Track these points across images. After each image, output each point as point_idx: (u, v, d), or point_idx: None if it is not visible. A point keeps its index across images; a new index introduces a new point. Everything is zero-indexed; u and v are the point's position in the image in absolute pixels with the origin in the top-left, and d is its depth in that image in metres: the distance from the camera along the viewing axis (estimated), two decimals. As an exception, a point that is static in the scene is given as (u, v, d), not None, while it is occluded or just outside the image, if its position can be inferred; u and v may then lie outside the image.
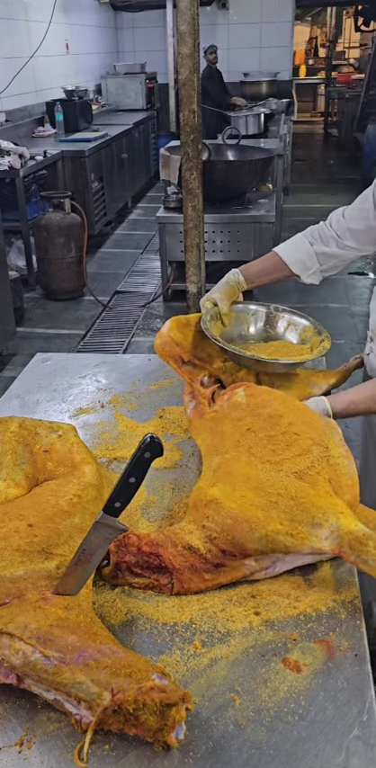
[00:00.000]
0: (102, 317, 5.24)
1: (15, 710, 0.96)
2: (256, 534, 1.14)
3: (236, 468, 1.24)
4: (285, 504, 1.15)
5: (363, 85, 11.05)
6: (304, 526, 1.14)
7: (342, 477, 1.23)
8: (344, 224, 1.72)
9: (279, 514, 1.15)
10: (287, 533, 1.13)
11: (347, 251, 1.74)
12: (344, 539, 1.11)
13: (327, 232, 1.75)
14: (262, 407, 1.37)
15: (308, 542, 1.14)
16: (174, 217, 4.94)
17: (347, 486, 1.23)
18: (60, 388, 1.92)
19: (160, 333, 1.74)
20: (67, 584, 1.04)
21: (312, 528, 1.14)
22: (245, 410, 1.39)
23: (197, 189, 3.71)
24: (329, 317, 5.02)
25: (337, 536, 1.12)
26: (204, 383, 1.65)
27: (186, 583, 1.15)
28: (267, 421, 1.33)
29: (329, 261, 1.77)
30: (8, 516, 1.16)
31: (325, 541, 1.13)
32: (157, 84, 10.16)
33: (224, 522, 1.15)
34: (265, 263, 1.85)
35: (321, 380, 1.72)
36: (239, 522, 1.14)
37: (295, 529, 1.14)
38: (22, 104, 6.94)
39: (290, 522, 1.14)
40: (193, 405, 1.60)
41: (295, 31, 10.99)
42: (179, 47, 3.44)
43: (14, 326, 4.55)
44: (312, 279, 1.79)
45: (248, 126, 7.06)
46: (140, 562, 1.16)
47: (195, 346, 1.73)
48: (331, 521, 1.13)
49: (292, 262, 1.78)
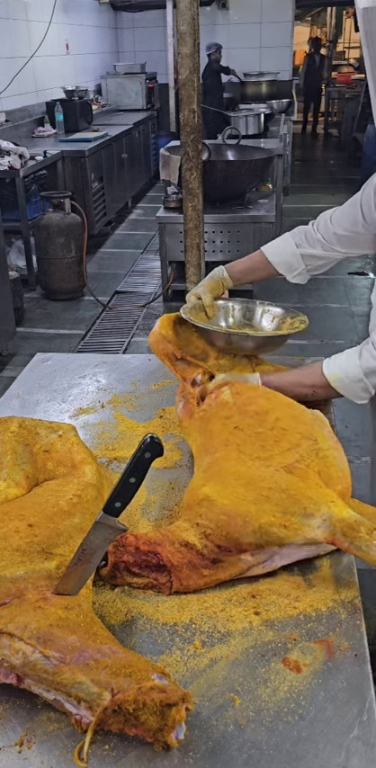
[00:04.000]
0: (102, 317, 5.24)
1: (15, 710, 0.96)
2: (250, 528, 1.14)
3: (226, 467, 1.25)
4: (277, 498, 1.17)
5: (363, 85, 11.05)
6: (296, 517, 1.15)
7: (332, 468, 1.25)
8: (332, 228, 1.70)
9: (271, 507, 1.16)
10: (280, 525, 1.14)
11: (333, 254, 1.74)
12: (337, 526, 1.13)
13: (314, 235, 1.74)
14: (248, 405, 1.39)
15: (301, 533, 1.15)
16: (174, 217, 4.94)
17: (338, 477, 1.24)
18: (60, 388, 1.92)
19: (153, 331, 1.75)
20: (67, 584, 1.04)
21: (304, 518, 1.15)
22: (232, 408, 1.40)
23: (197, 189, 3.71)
24: (329, 317, 5.02)
25: (330, 524, 1.13)
26: (197, 381, 1.65)
27: (185, 580, 1.15)
28: (254, 418, 1.35)
29: (315, 262, 1.78)
30: (8, 516, 1.16)
31: (317, 530, 1.14)
32: (157, 84, 10.15)
33: (218, 519, 1.16)
34: (251, 261, 1.86)
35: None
36: (232, 518, 1.15)
37: (288, 520, 1.15)
38: (22, 104, 6.94)
39: (282, 513, 1.15)
40: (183, 404, 1.61)
41: (295, 31, 10.98)
42: (179, 47, 3.44)
43: (14, 326, 4.55)
44: (298, 279, 1.80)
45: (248, 126, 7.05)
46: (138, 561, 1.16)
47: (187, 343, 1.74)
48: (322, 510, 1.15)
49: (278, 263, 1.79)
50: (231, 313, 1.88)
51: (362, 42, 1.50)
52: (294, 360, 2.03)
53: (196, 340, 1.75)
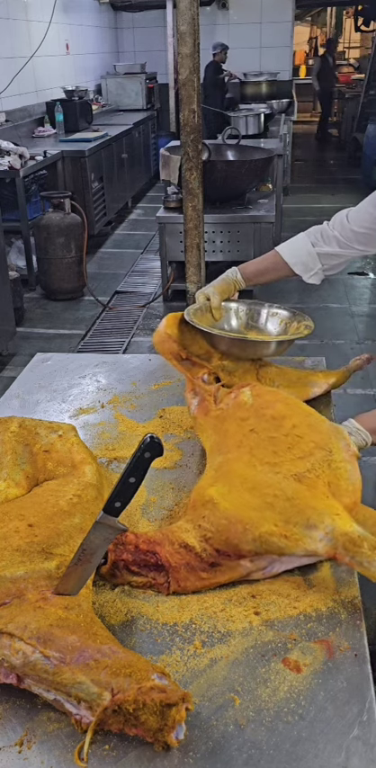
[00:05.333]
0: (102, 317, 5.24)
1: (15, 710, 0.96)
2: (250, 535, 1.13)
3: (235, 469, 1.24)
4: (281, 506, 1.15)
5: (363, 85, 11.06)
6: (299, 528, 1.14)
7: (342, 480, 1.23)
8: (349, 226, 1.71)
9: (273, 516, 1.15)
10: (281, 535, 1.13)
11: (350, 251, 1.73)
12: (339, 540, 1.10)
13: (330, 233, 1.74)
14: (266, 408, 1.37)
15: (302, 544, 1.13)
16: (174, 217, 4.94)
17: (347, 490, 1.22)
18: (60, 388, 1.92)
19: (157, 330, 1.74)
20: (67, 584, 1.04)
21: (307, 529, 1.13)
22: (249, 410, 1.38)
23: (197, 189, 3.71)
24: (329, 316, 5.02)
25: (332, 537, 1.11)
26: (204, 381, 1.66)
27: (182, 581, 1.15)
28: (270, 422, 1.33)
29: (331, 260, 1.76)
30: (8, 516, 1.16)
31: (319, 543, 1.12)
32: (157, 84, 10.16)
33: (219, 523, 1.15)
34: (265, 261, 1.84)
35: (321, 380, 1.73)
36: (233, 523, 1.14)
37: (289, 530, 1.13)
38: (22, 104, 6.95)
39: (284, 523, 1.14)
40: (197, 401, 1.60)
41: (295, 31, 10.99)
42: (179, 47, 3.44)
43: (14, 326, 4.55)
44: (314, 279, 1.79)
45: (248, 126, 7.05)
46: (138, 560, 1.16)
47: (192, 343, 1.74)
48: (326, 522, 1.13)
49: (294, 263, 1.77)
50: (237, 315, 1.86)
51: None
52: (295, 360, 2.03)
53: (200, 340, 1.74)
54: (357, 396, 3.58)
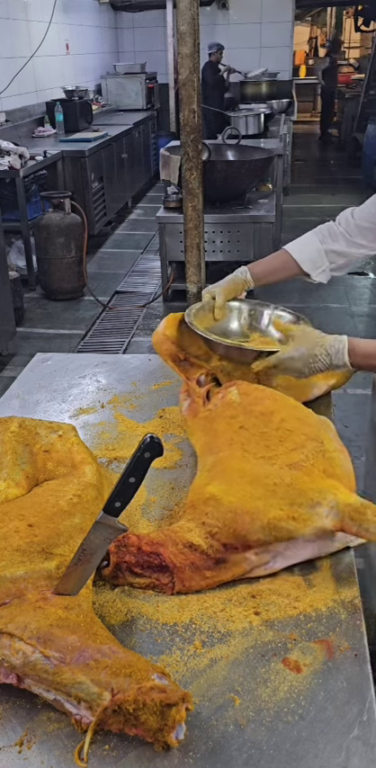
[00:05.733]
0: (102, 317, 5.24)
1: (15, 710, 0.96)
2: (258, 524, 1.14)
3: (230, 465, 1.25)
4: (283, 491, 1.17)
5: (363, 85, 11.06)
6: (304, 508, 1.16)
7: (337, 468, 1.26)
8: (353, 222, 1.75)
9: (278, 501, 1.16)
10: (289, 517, 1.15)
11: (356, 249, 1.77)
12: (344, 511, 1.14)
13: (336, 229, 1.78)
14: (254, 405, 1.39)
15: (310, 522, 1.15)
16: (174, 217, 4.94)
17: (343, 477, 1.25)
18: (60, 388, 1.92)
19: (156, 331, 1.74)
20: (67, 584, 1.04)
21: (312, 508, 1.16)
22: (237, 408, 1.40)
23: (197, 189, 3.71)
24: (329, 316, 5.02)
25: (337, 511, 1.14)
26: (201, 382, 1.66)
27: (187, 581, 1.15)
28: (259, 418, 1.35)
29: (338, 259, 1.79)
30: (8, 516, 1.16)
31: (326, 519, 1.15)
32: (157, 84, 10.16)
33: (225, 517, 1.16)
34: (274, 260, 1.85)
35: (321, 380, 1.72)
36: (240, 515, 1.15)
37: (296, 512, 1.15)
38: (22, 104, 6.95)
39: (289, 506, 1.16)
40: (188, 403, 1.61)
41: (295, 31, 10.99)
42: (179, 47, 3.44)
43: (14, 326, 4.55)
44: (321, 277, 1.80)
45: (248, 126, 7.06)
46: (141, 562, 1.16)
47: (191, 344, 1.73)
48: (329, 498, 1.16)
49: (303, 260, 1.78)
50: (240, 316, 1.85)
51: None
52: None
53: (199, 341, 1.74)
54: (357, 396, 3.57)
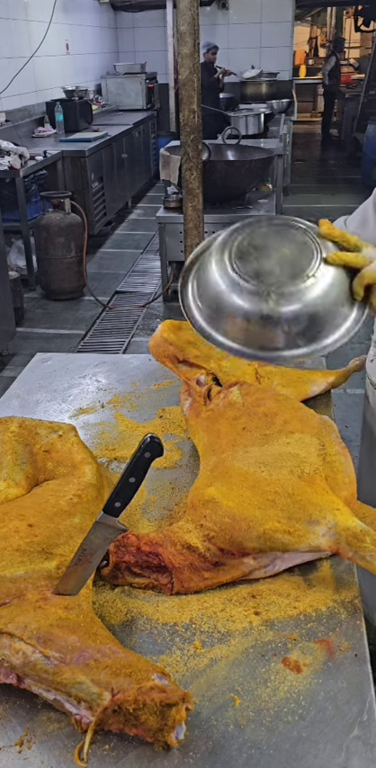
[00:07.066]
0: (102, 317, 5.24)
1: (15, 710, 0.96)
2: (254, 533, 1.14)
3: (232, 467, 1.25)
4: (282, 503, 1.16)
5: (363, 85, 11.07)
6: (301, 524, 1.14)
7: (338, 474, 1.24)
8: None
9: (276, 513, 1.15)
10: (284, 531, 1.14)
11: None
12: (342, 535, 1.11)
13: None
14: (257, 406, 1.38)
15: (305, 540, 1.14)
16: (174, 217, 4.94)
17: (344, 483, 1.24)
18: (60, 388, 1.92)
19: (154, 336, 1.74)
20: (67, 584, 1.04)
21: (309, 525, 1.14)
22: (240, 409, 1.40)
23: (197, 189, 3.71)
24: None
25: (335, 533, 1.12)
26: (201, 382, 1.66)
27: (186, 582, 1.15)
28: (262, 419, 1.34)
29: None
30: (8, 516, 1.16)
31: (322, 538, 1.13)
32: (157, 84, 10.16)
33: (222, 522, 1.15)
34: None
35: (320, 379, 1.73)
36: (237, 521, 1.15)
37: (292, 527, 1.14)
38: (22, 104, 6.95)
39: (287, 519, 1.14)
40: (189, 403, 1.61)
41: (295, 31, 10.99)
42: (179, 47, 3.44)
43: (14, 326, 4.55)
44: None
45: (248, 126, 7.06)
46: (140, 562, 1.16)
47: (189, 344, 1.73)
48: (328, 518, 1.13)
49: None
50: None
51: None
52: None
53: (198, 341, 1.74)
54: (357, 396, 3.57)
